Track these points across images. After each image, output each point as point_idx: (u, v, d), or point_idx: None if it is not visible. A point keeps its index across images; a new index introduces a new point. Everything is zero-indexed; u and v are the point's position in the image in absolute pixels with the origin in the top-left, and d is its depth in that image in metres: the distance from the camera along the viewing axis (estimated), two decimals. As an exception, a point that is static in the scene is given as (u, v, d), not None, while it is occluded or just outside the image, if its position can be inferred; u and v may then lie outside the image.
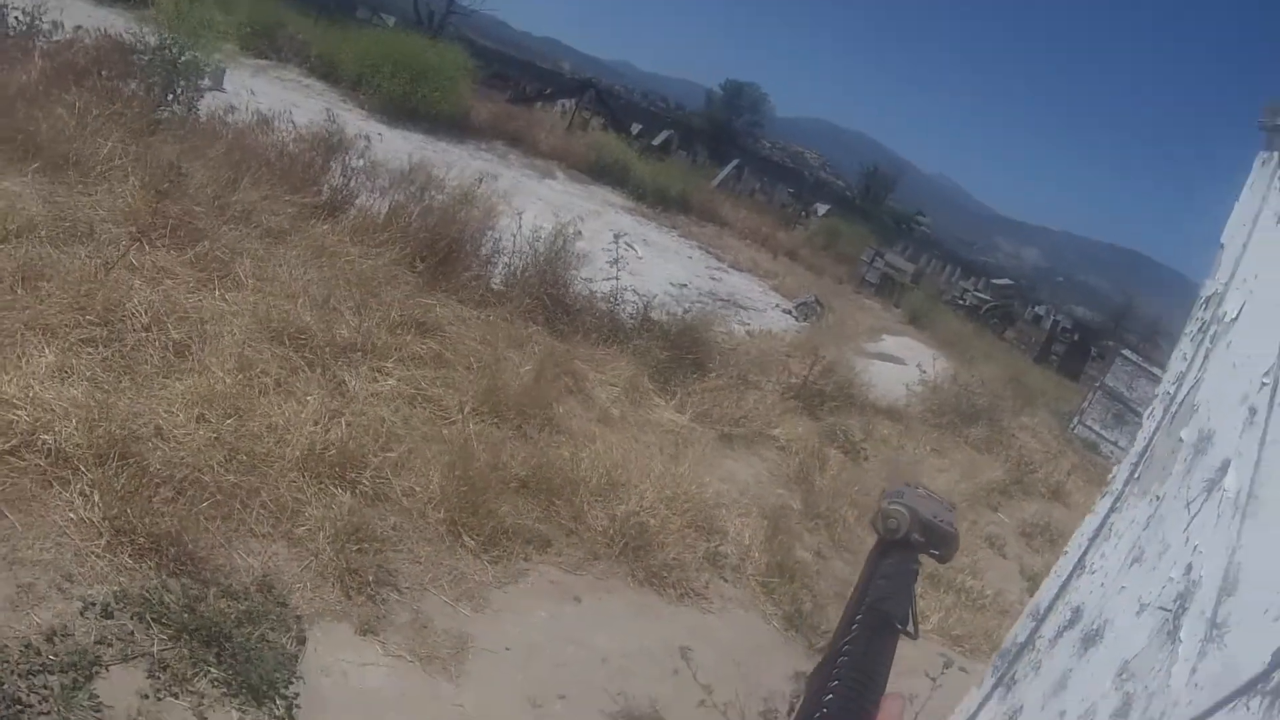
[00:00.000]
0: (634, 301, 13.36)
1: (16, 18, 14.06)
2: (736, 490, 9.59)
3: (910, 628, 2.48)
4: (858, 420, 13.61)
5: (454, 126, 29.84)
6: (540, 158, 31.22)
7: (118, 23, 24.65)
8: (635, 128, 47.88)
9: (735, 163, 50.50)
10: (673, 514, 8.28)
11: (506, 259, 12.95)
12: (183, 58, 13.72)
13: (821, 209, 49.55)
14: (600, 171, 32.64)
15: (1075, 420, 23.49)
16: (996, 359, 25.39)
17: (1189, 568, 3.40)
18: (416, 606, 6.05)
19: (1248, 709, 2.73)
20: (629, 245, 21.45)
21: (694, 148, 52.90)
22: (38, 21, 13.85)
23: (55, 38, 13.91)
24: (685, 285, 20.26)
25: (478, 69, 36.59)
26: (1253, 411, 3.43)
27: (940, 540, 2.61)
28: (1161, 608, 3.45)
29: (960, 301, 39.50)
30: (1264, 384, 3.41)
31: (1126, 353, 25.29)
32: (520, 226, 13.15)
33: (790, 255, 33.61)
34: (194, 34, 13.95)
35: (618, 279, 13.23)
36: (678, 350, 12.36)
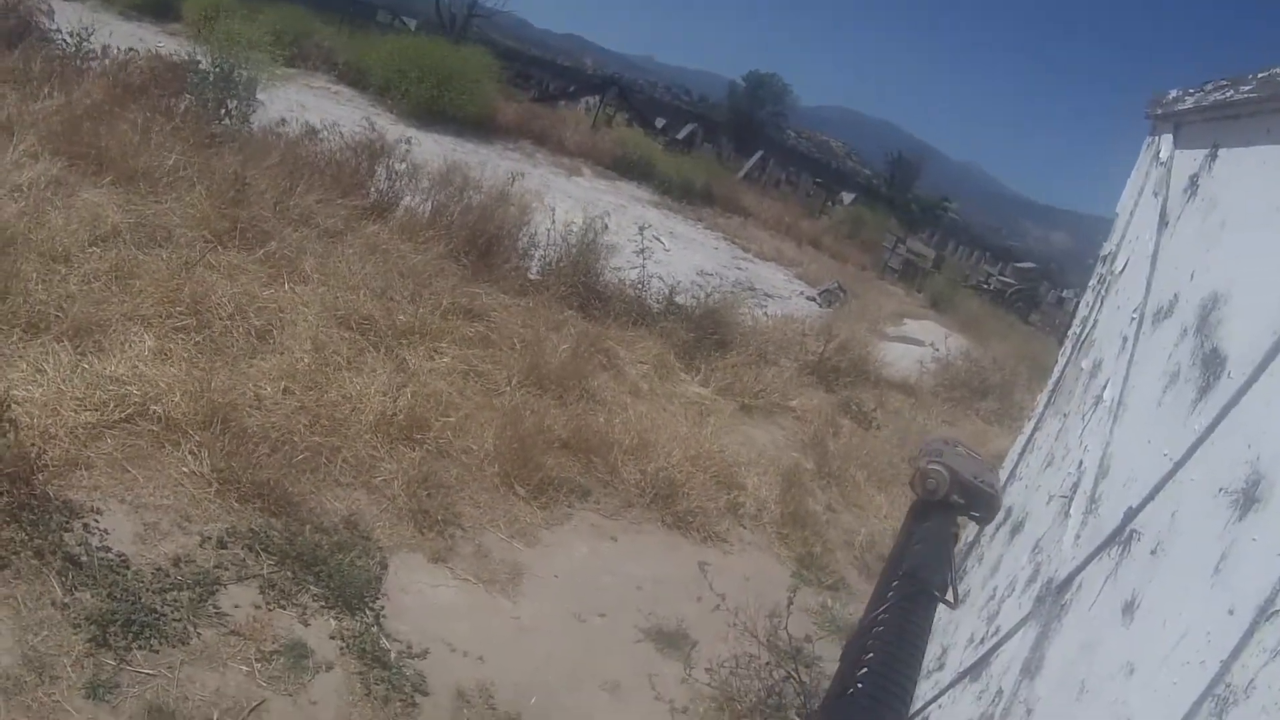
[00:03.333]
0: (660, 288, 14.24)
1: (64, 40, 15.02)
2: (755, 452, 10.48)
3: (949, 596, 3.01)
4: (871, 393, 14.43)
5: (482, 127, 30.52)
6: (567, 155, 31.87)
7: (148, 36, 25.68)
8: (659, 122, 48.41)
9: (760, 154, 50.96)
10: (697, 470, 9.21)
11: (541, 251, 13.91)
12: (239, 74, 14.66)
13: (847, 198, 49.95)
14: (626, 167, 33.21)
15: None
16: (1014, 340, 25.86)
17: (1080, 463, 4.34)
18: (478, 541, 7.05)
19: (1109, 555, 3.67)
20: (656, 238, 22.28)
21: (719, 140, 53.32)
22: (85, 43, 14.76)
23: (106, 59, 14.80)
24: (711, 275, 20.91)
25: (501, 69, 37.17)
26: (1125, 340, 4.38)
27: (981, 502, 3.19)
28: (1062, 496, 4.40)
29: (985, 286, 39.75)
30: (1133, 318, 4.36)
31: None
32: (554, 222, 14.12)
33: (814, 244, 34.11)
34: (235, 49, 14.87)
35: (644, 267, 14.12)
36: (702, 331, 13.23)
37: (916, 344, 20.66)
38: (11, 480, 5.29)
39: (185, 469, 6.29)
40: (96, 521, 5.57)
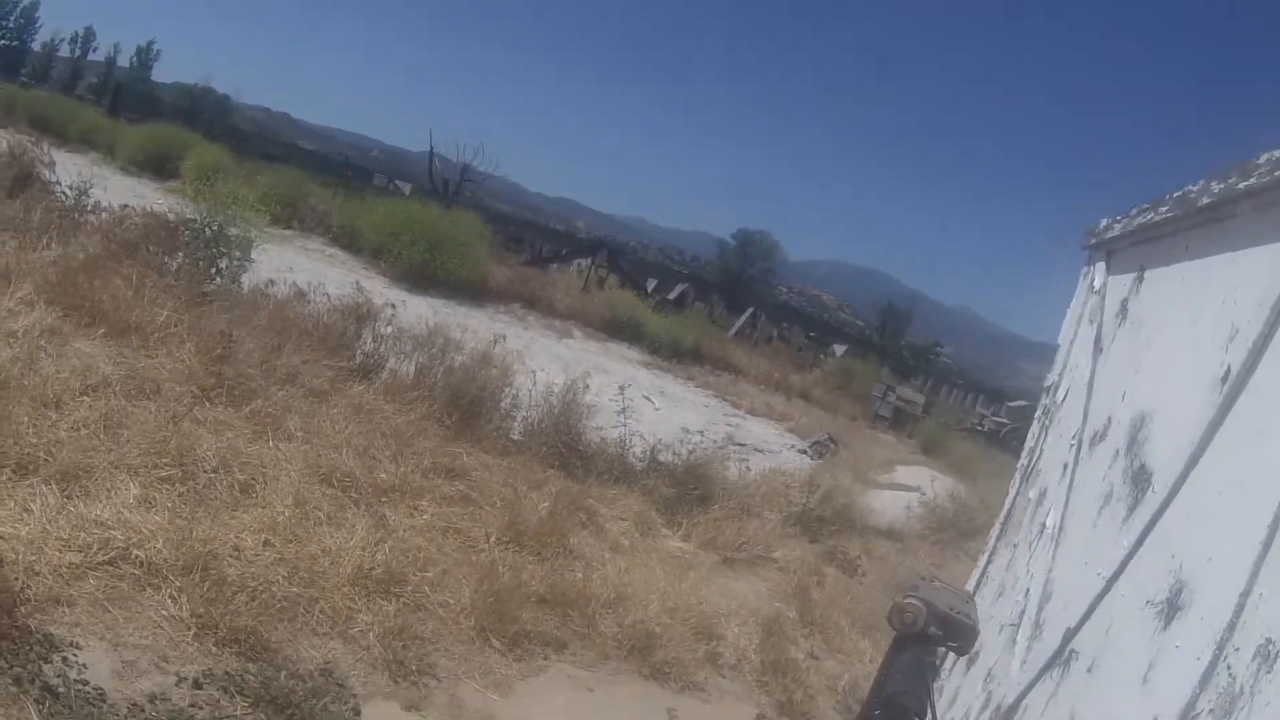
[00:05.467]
0: (643, 446, 14.37)
1: (64, 192, 15.40)
2: (736, 604, 10.48)
3: None
4: (857, 541, 14.48)
5: (473, 291, 30.94)
6: (558, 318, 32.25)
7: (147, 193, 26.25)
8: (650, 284, 49.05)
9: (750, 311, 51.60)
10: (675, 622, 9.24)
11: (524, 412, 14.09)
12: (232, 233, 14.96)
13: (839, 350, 50.39)
14: (616, 329, 33.64)
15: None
16: (1006, 478, 25.55)
17: (1026, 591, 4.48)
18: (452, 692, 7.06)
19: (1051, 677, 3.79)
20: (647, 398, 22.46)
21: (710, 299, 53.96)
22: (84, 197, 15.13)
23: (103, 214, 15.13)
24: (701, 433, 20.98)
25: (494, 233, 37.79)
26: (1065, 467, 4.54)
27: (957, 632, 3.34)
28: (1011, 624, 4.52)
29: (979, 428, 39.75)
30: (1072, 444, 4.52)
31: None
32: (535, 383, 14.32)
33: (805, 397, 34.45)
34: (228, 209, 15.22)
35: (626, 426, 14.28)
36: (684, 487, 13.33)
37: (906, 490, 20.66)
38: (-6, 611, 5.39)
39: (164, 612, 6.36)
40: (75, 655, 5.64)
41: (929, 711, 2.82)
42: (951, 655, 5.31)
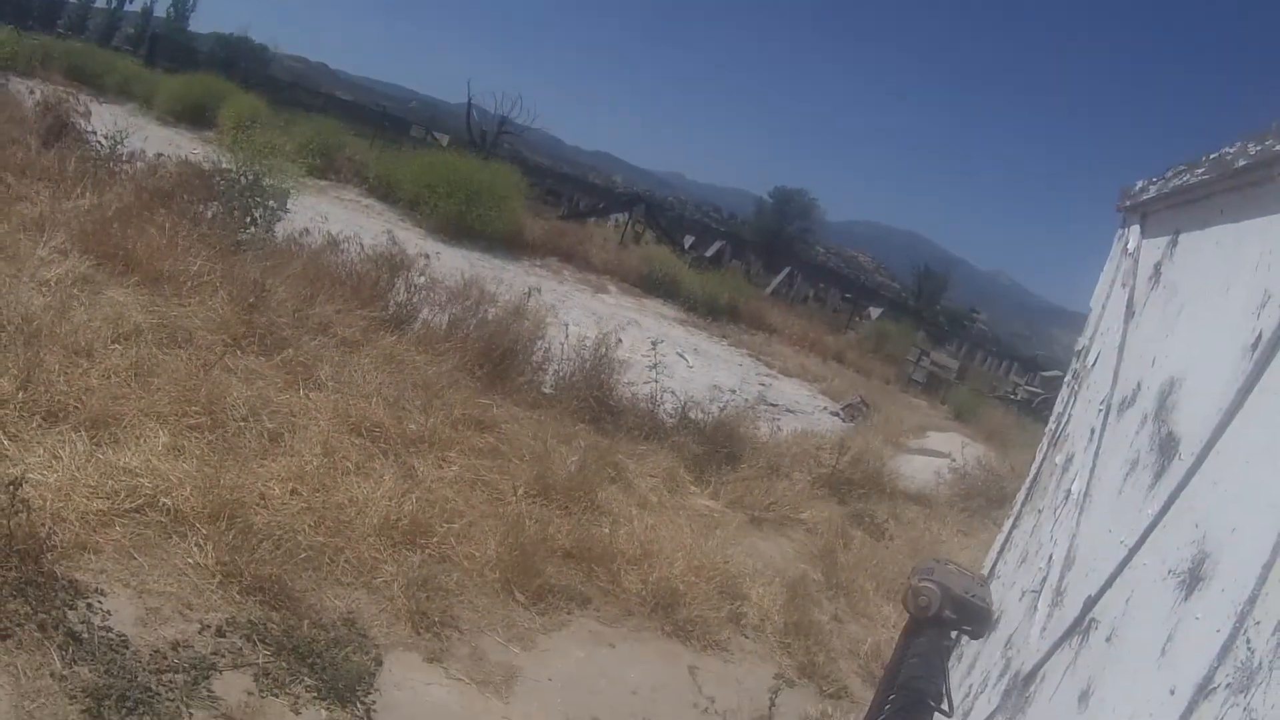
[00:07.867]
0: (673, 402, 14.37)
1: (99, 142, 15.47)
2: (762, 563, 10.46)
3: (945, 705, 3.14)
4: (885, 505, 14.42)
5: (509, 244, 30.92)
6: (593, 273, 32.23)
7: (183, 143, 26.33)
8: (687, 241, 48.95)
9: (788, 270, 51.45)
10: (700, 580, 9.23)
11: (556, 366, 14.11)
12: (265, 183, 14.99)
13: (875, 312, 50.27)
14: (652, 285, 33.58)
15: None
16: (1038, 448, 25.53)
17: (1050, 557, 4.44)
18: (474, 644, 7.10)
19: (1070, 645, 3.76)
20: (680, 355, 22.46)
21: (747, 257, 53.83)
22: (119, 146, 15.19)
23: (137, 163, 15.19)
24: (733, 391, 20.93)
25: (531, 186, 37.79)
26: (1093, 432, 4.49)
27: (972, 616, 3.29)
28: (1033, 591, 4.49)
29: (1012, 396, 39.66)
30: (1100, 410, 4.47)
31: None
32: (568, 337, 14.33)
33: (839, 359, 34.39)
34: (263, 159, 15.25)
35: (657, 382, 14.26)
36: (713, 445, 13.33)
37: (937, 456, 20.54)
38: (21, 557, 5.49)
39: (190, 560, 6.41)
40: (100, 602, 5.70)
41: (945, 697, 2.80)
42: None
